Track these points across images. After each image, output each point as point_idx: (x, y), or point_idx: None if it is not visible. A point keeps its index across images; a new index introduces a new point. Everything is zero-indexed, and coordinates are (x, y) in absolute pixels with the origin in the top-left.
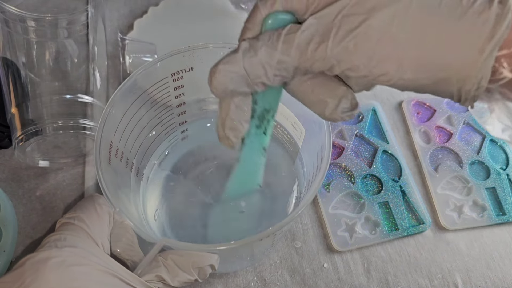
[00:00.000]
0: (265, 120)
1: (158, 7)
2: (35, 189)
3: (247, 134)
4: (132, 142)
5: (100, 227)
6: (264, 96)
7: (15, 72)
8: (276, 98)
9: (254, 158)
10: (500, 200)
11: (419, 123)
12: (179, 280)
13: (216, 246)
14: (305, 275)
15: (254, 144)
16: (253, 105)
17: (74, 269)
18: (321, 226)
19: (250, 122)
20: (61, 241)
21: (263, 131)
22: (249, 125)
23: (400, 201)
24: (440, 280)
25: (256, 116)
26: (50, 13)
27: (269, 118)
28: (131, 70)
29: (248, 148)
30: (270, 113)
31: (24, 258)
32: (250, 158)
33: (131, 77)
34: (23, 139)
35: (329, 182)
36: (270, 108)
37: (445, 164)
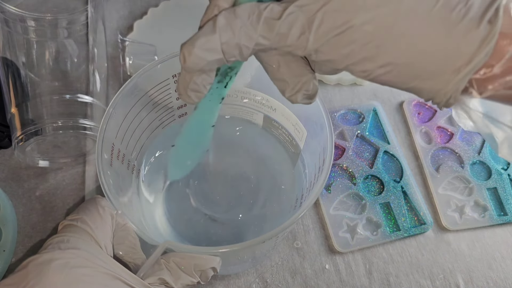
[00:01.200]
0: (227, 76)
1: (158, 8)
2: (35, 189)
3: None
4: (133, 144)
5: (103, 229)
6: None
7: (15, 72)
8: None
9: (211, 106)
10: (501, 200)
11: (420, 123)
12: (181, 282)
13: (218, 248)
14: (306, 276)
15: (213, 96)
16: None
17: (77, 271)
18: (322, 227)
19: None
20: (64, 243)
21: (224, 85)
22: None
23: (401, 201)
24: (442, 281)
25: (219, 73)
26: (50, 13)
27: (231, 75)
28: (131, 71)
29: (207, 99)
30: (234, 70)
31: (27, 260)
32: (207, 106)
33: (132, 79)
34: (23, 139)
35: (330, 183)
36: (234, 66)
37: (446, 164)
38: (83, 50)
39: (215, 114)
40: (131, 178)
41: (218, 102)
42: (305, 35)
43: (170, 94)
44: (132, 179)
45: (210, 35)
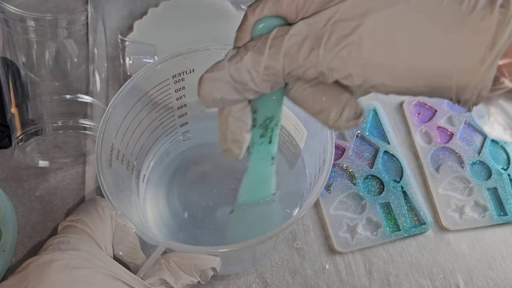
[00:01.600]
0: (268, 129)
1: (158, 8)
2: (35, 189)
3: (252, 144)
4: (133, 144)
5: (103, 230)
6: (263, 105)
7: (15, 72)
8: (277, 105)
9: (262, 167)
10: (501, 200)
11: (420, 123)
12: (182, 282)
13: (218, 248)
14: (306, 276)
15: (260, 153)
16: (253, 114)
17: (77, 272)
18: (322, 227)
19: (253, 132)
20: (65, 244)
21: (268, 140)
22: (251, 135)
23: (401, 201)
24: (442, 281)
25: (258, 125)
26: (50, 13)
27: (272, 127)
28: (131, 71)
29: (254, 157)
30: (273, 121)
31: (27, 261)
32: (258, 167)
33: (132, 80)
34: (23, 139)
35: (330, 183)
36: (272, 116)
37: (446, 164)
38: (83, 50)
39: (270, 177)
40: (131, 178)
41: (269, 162)
42: (315, 51)
43: (170, 94)
44: (132, 179)
45: (218, 63)
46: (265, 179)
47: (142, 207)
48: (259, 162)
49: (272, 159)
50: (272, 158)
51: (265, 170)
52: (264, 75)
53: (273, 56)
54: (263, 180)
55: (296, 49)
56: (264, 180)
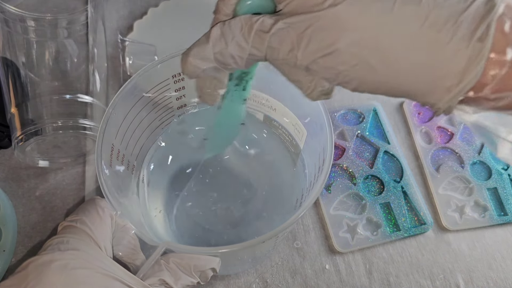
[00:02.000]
0: (243, 81)
1: (158, 8)
2: (35, 189)
3: (227, 91)
4: (133, 144)
5: (102, 230)
6: None
7: (15, 72)
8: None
9: (235, 107)
10: (501, 200)
11: (420, 123)
12: (181, 283)
13: (218, 249)
14: (306, 276)
15: (234, 97)
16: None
17: (77, 272)
18: (322, 227)
19: (229, 83)
20: (64, 244)
21: (242, 88)
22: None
23: (401, 202)
24: (442, 281)
25: (234, 78)
26: (50, 13)
27: (247, 79)
28: (131, 71)
29: (228, 101)
30: (249, 75)
31: (27, 261)
32: (231, 108)
33: (132, 80)
34: (23, 139)
35: (330, 183)
36: (248, 71)
37: (447, 164)
38: (83, 50)
39: (240, 113)
40: (131, 178)
41: (241, 103)
42: (294, 52)
43: (170, 94)
44: (131, 179)
45: (204, 45)
46: (236, 116)
47: (142, 207)
48: (232, 104)
49: (244, 100)
50: (244, 100)
51: (236, 109)
52: (248, 60)
53: (257, 47)
54: (234, 116)
55: (277, 45)
56: (235, 114)
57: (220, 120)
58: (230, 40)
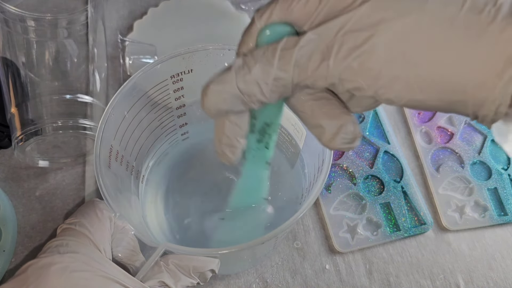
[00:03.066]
0: (266, 135)
1: (158, 8)
2: (35, 189)
3: (248, 149)
4: (132, 145)
5: (101, 232)
6: (264, 111)
7: (14, 72)
8: (277, 112)
9: (257, 172)
10: (501, 200)
11: (420, 123)
12: (181, 284)
13: (217, 250)
14: (306, 276)
15: (256, 158)
16: (252, 120)
17: (76, 275)
18: (322, 227)
19: (250, 137)
20: (63, 247)
21: (265, 146)
22: (246, 141)
23: (401, 202)
24: (442, 281)
25: (256, 130)
26: (50, 13)
27: (270, 133)
28: (131, 71)
29: (250, 162)
30: (271, 127)
31: (26, 264)
32: (252, 173)
33: (131, 80)
34: (22, 139)
35: (331, 183)
36: (271, 122)
37: (447, 164)
38: (83, 50)
39: (264, 182)
40: (130, 179)
41: (264, 167)
42: (325, 62)
43: (168, 94)
44: (131, 180)
45: (226, 73)
46: (258, 184)
47: (141, 209)
48: (254, 167)
49: (267, 164)
50: (266, 163)
51: (259, 175)
52: (273, 86)
53: (283, 68)
54: (256, 185)
55: (305, 60)
56: (257, 184)
57: (240, 192)
58: (253, 65)
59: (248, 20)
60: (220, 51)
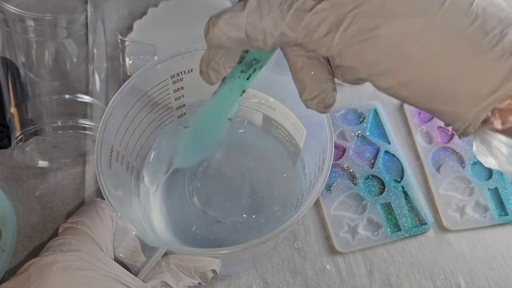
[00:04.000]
0: (251, 68)
1: (158, 8)
2: (35, 189)
3: (230, 75)
4: (132, 145)
5: (103, 231)
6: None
7: (14, 72)
8: (269, 53)
9: (231, 96)
10: (502, 200)
11: (420, 123)
12: (183, 284)
13: (218, 250)
14: (307, 276)
15: (234, 85)
16: (243, 52)
17: (79, 273)
18: (323, 227)
19: (236, 66)
20: (66, 246)
21: (247, 77)
22: (233, 69)
23: (402, 202)
24: (443, 281)
25: (244, 62)
26: (49, 13)
27: (256, 68)
28: (131, 71)
29: (227, 87)
30: (259, 64)
31: (28, 263)
32: (227, 96)
33: (131, 80)
34: (22, 139)
35: (331, 183)
36: (260, 59)
37: (447, 164)
38: (83, 50)
39: (233, 106)
40: (131, 179)
41: (239, 94)
42: (331, 34)
43: (169, 94)
44: (132, 180)
45: (238, 12)
46: (228, 106)
47: (142, 209)
48: (230, 92)
49: (243, 92)
50: (243, 91)
51: (232, 99)
52: (277, 39)
53: (292, 27)
54: (227, 106)
55: (314, 26)
56: (228, 106)
57: (210, 107)
58: (266, 14)
59: None
60: None
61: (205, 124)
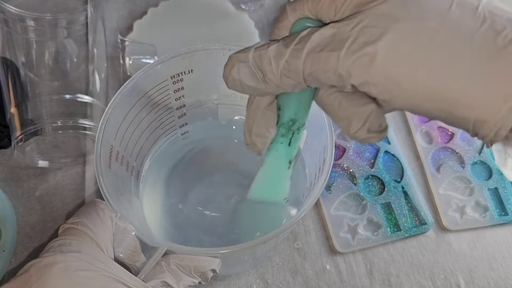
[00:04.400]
0: (290, 131)
1: (158, 8)
2: (35, 189)
3: (273, 141)
4: (132, 146)
5: (103, 232)
6: (289, 103)
7: (14, 72)
8: (303, 108)
9: (278, 167)
10: (502, 200)
11: (420, 123)
12: (183, 284)
13: (219, 249)
14: (307, 277)
15: (278, 153)
16: (277, 111)
17: (79, 274)
18: (323, 227)
19: (276, 129)
20: (66, 246)
21: (288, 142)
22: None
23: (402, 202)
24: (443, 281)
25: (280, 123)
26: (49, 13)
27: (294, 130)
28: (131, 71)
29: (272, 155)
30: (296, 124)
31: (29, 264)
32: (273, 166)
33: (131, 80)
34: (22, 139)
35: (331, 183)
36: (296, 119)
37: (447, 164)
38: (83, 50)
39: (284, 181)
40: (131, 180)
41: (286, 165)
42: (336, 53)
43: (169, 94)
44: (131, 181)
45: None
46: (278, 181)
47: (141, 209)
48: (276, 162)
49: (289, 162)
50: (289, 162)
51: (280, 171)
52: (284, 69)
53: (296, 53)
54: (277, 181)
55: (318, 50)
56: (278, 181)
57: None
58: (272, 44)
59: (248, 20)
60: (220, 51)
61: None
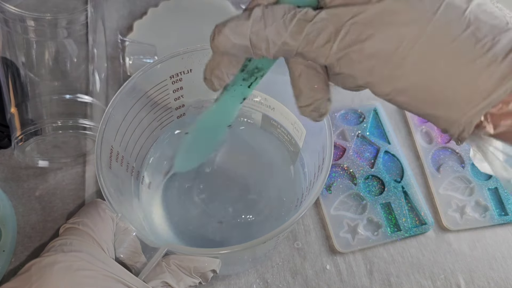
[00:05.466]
0: (253, 77)
1: (158, 8)
2: (35, 189)
3: (232, 83)
4: (132, 146)
5: (104, 232)
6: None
7: (14, 71)
8: (271, 62)
9: (232, 103)
10: (502, 200)
11: (420, 123)
12: (184, 284)
13: (219, 250)
14: (307, 276)
15: (236, 92)
16: (245, 60)
17: (80, 273)
18: (323, 227)
19: (238, 74)
20: (67, 246)
21: (248, 85)
22: (235, 77)
23: (402, 202)
24: (443, 281)
25: (246, 70)
26: (49, 13)
27: (257, 76)
28: (131, 71)
29: (229, 94)
30: (261, 72)
31: (30, 263)
32: (228, 103)
33: (131, 80)
34: (22, 139)
35: (331, 183)
36: (262, 67)
37: (447, 164)
38: (83, 50)
39: (233, 113)
40: (131, 180)
41: (239, 101)
42: (330, 44)
43: (168, 94)
44: (131, 181)
45: (243, 21)
46: (229, 113)
47: (142, 209)
48: (231, 99)
49: (244, 99)
50: (243, 98)
51: (233, 106)
52: (280, 48)
53: (294, 36)
54: (227, 113)
55: (314, 36)
56: (228, 113)
57: (210, 114)
58: (270, 24)
59: None
60: None
61: (205, 130)
